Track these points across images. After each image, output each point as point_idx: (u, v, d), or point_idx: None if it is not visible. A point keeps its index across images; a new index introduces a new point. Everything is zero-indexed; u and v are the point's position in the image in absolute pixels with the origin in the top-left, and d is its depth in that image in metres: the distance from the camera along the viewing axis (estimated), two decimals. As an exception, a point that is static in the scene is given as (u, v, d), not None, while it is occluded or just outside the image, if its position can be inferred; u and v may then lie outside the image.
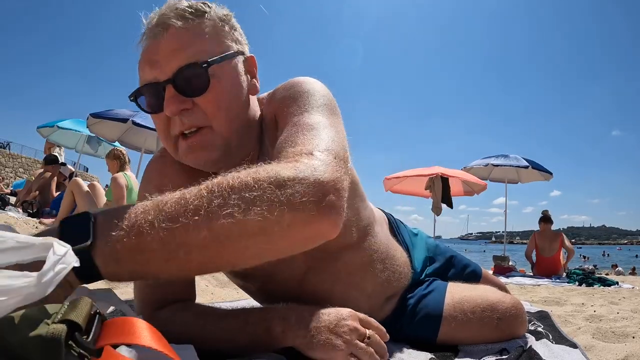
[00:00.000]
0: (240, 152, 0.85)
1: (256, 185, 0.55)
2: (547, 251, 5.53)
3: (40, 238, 0.43)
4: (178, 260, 0.53)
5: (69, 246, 0.43)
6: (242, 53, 0.85)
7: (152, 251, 0.51)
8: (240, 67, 0.84)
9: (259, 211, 0.54)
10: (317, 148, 0.67)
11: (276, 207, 0.55)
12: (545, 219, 5.76)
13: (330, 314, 0.78)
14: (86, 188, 4.44)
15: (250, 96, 0.87)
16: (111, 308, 0.96)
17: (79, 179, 4.71)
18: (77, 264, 0.42)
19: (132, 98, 0.81)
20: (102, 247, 0.50)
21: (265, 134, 0.88)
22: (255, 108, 0.89)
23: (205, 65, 0.76)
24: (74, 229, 0.50)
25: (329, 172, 0.62)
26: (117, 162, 4.55)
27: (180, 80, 0.75)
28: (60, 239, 0.44)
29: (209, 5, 0.81)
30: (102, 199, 4.44)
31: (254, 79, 0.87)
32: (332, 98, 0.84)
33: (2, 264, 0.40)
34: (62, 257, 0.41)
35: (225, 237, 0.53)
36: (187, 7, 0.78)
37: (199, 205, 0.53)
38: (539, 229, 5.80)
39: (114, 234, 0.50)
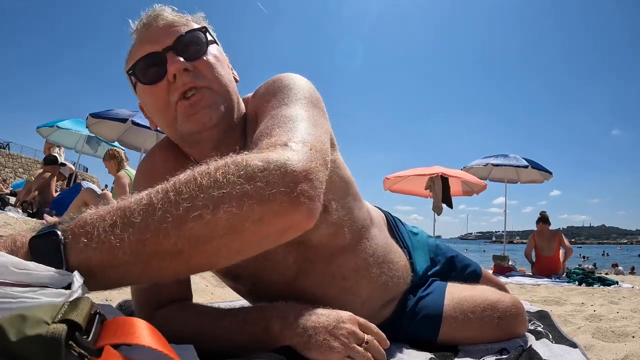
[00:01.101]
0: (229, 139, 0.86)
1: (225, 181, 0.54)
2: (546, 250, 5.55)
3: (61, 270, 0.47)
4: (152, 269, 0.52)
5: (82, 279, 0.47)
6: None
7: (126, 264, 0.51)
8: (222, 52, 0.90)
9: (227, 208, 0.52)
10: (292, 139, 0.65)
11: (245, 202, 0.53)
12: (543, 219, 5.79)
13: (329, 316, 0.77)
14: (99, 199, 4.38)
15: (235, 83, 0.90)
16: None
17: (93, 188, 4.66)
18: (88, 293, 0.48)
19: (130, 71, 0.84)
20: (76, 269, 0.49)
21: (248, 130, 0.89)
22: (239, 98, 0.91)
23: (203, 29, 0.85)
24: (45, 254, 0.48)
25: (302, 162, 0.60)
26: (114, 161, 4.53)
27: (181, 45, 0.82)
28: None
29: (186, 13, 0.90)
30: None
31: (233, 70, 0.93)
32: (314, 92, 0.84)
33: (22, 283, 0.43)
34: (82, 284, 0.47)
35: (196, 240, 0.52)
36: (172, 8, 0.87)
37: (167, 211, 0.51)
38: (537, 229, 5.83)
39: (85, 255, 0.49)
